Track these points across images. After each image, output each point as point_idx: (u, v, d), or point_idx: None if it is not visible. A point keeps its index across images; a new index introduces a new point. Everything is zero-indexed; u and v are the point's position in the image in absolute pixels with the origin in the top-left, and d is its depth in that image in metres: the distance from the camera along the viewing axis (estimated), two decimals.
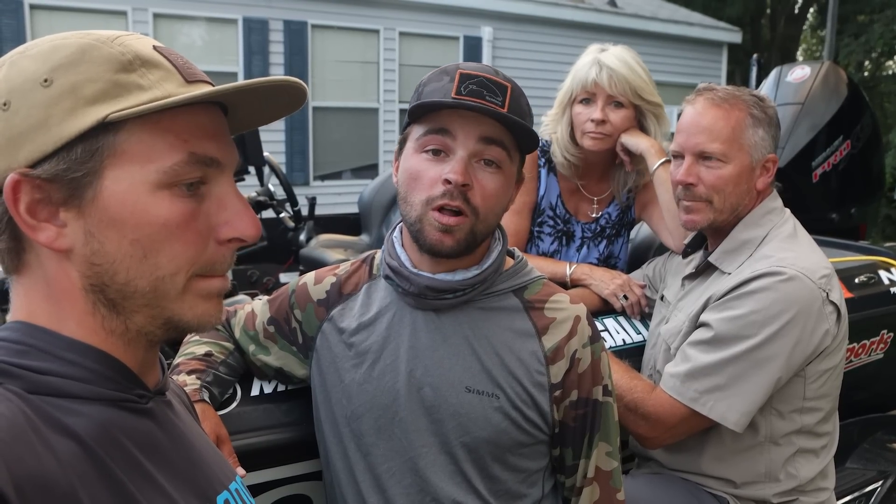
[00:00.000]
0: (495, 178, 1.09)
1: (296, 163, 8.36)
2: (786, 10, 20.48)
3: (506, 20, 9.65)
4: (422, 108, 1.07)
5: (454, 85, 1.05)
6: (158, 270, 0.65)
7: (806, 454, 1.51)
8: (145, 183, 0.63)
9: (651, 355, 1.66)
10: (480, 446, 1.12)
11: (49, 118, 0.61)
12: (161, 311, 0.67)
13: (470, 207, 1.07)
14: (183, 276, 0.66)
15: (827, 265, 1.47)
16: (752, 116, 1.50)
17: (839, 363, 1.50)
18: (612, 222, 2.05)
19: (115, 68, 0.63)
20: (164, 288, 0.66)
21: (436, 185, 1.06)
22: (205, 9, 7.67)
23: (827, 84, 3.09)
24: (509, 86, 1.07)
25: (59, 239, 0.63)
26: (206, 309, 0.69)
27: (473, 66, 1.08)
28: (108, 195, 0.63)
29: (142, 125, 0.63)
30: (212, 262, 0.68)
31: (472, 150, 1.06)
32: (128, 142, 0.63)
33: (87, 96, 0.61)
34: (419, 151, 1.09)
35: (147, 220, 0.63)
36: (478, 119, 1.06)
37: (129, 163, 0.63)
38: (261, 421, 1.32)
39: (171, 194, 0.64)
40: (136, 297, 0.65)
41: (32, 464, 0.54)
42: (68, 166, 0.61)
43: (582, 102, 1.90)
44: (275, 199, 3.25)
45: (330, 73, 8.56)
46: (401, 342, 1.16)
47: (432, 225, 1.07)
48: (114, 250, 0.63)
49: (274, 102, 0.73)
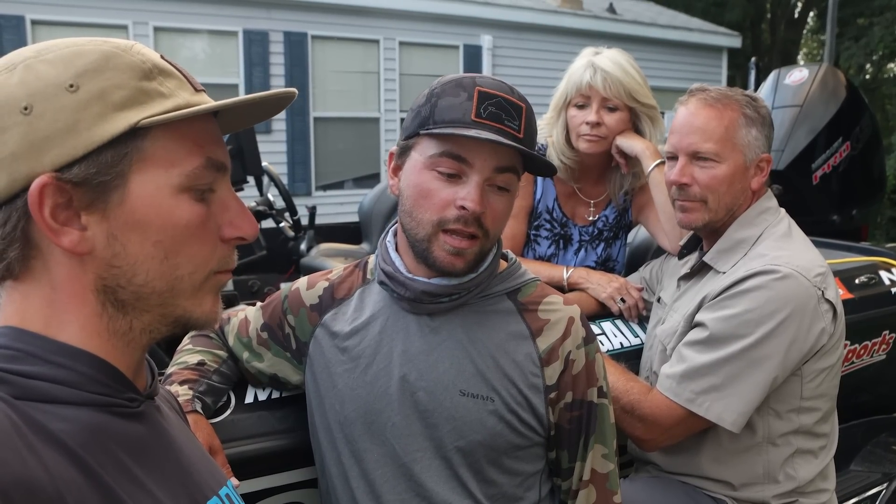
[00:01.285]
0: (505, 201, 1.10)
1: (297, 173, 8.38)
2: (786, 14, 20.52)
3: (505, 28, 9.69)
4: (440, 129, 1.05)
5: (473, 105, 1.04)
6: (177, 270, 0.68)
7: (805, 455, 1.49)
8: (169, 186, 0.66)
9: (648, 357, 1.66)
10: (476, 450, 1.12)
11: (78, 122, 0.62)
12: (173, 309, 0.69)
13: (482, 230, 1.08)
14: (201, 274, 0.70)
15: (822, 263, 1.46)
16: (744, 116, 1.49)
17: (836, 362, 1.49)
18: (610, 225, 2.05)
19: (139, 76, 0.65)
20: (181, 286, 0.69)
21: (448, 208, 1.06)
22: (205, 21, 7.71)
23: (825, 86, 3.08)
24: (524, 106, 1.07)
25: (81, 242, 0.64)
26: (213, 306, 0.73)
27: (490, 82, 1.07)
28: (135, 198, 0.65)
29: (164, 131, 0.66)
30: (222, 260, 0.72)
31: (487, 177, 1.06)
32: (153, 147, 0.65)
33: (116, 102, 0.63)
34: (430, 168, 1.07)
35: (172, 223, 0.66)
36: (495, 146, 1.05)
37: (154, 167, 0.65)
38: (255, 428, 1.31)
39: (189, 198, 0.68)
40: (152, 297, 0.68)
41: (18, 469, 0.54)
42: (98, 170, 0.63)
43: (577, 105, 1.90)
44: (274, 208, 3.26)
45: (331, 84, 8.59)
46: (394, 346, 1.16)
47: (443, 248, 1.07)
48: (136, 252, 0.66)
49: (260, 108, 0.75)
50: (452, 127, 1.04)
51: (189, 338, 1.33)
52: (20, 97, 0.62)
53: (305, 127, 8.42)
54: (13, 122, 0.61)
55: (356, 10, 8.55)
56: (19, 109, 0.61)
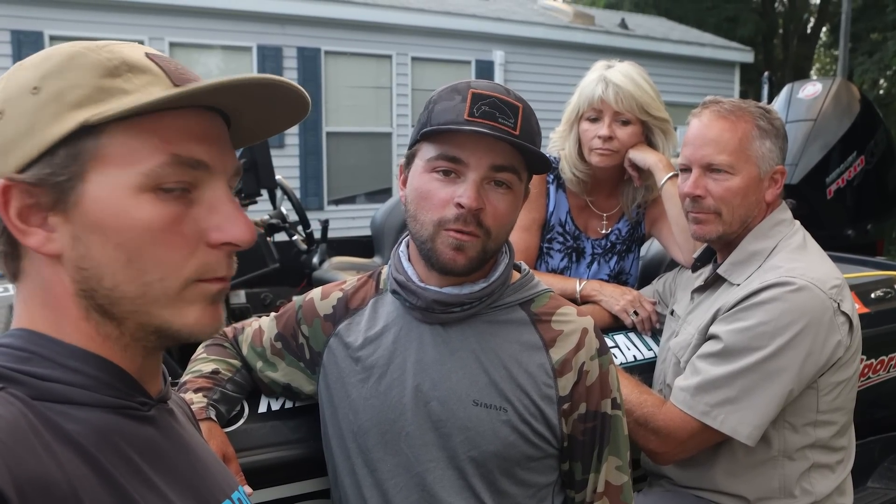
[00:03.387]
0: (506, 199, 1.09)
1: (310, 188, 8.42)
2: (798, 29, 20.51)
3: (517, 44, 9.73)
4: (434, 132, 1.07)
5: (466, 106, 1.05)
6: (145, 275, 0.64)
7: (821, 469, 1.48)
8: (127, 186, 0.63)
9: (661, 370, 1.65)
10: (489, 460, 1.11)
11: (35, 124, 0.62)
12: (151, 318, 0.66)
13: (483, 229, 1.07)
14: (174, 281, 0.65)
15: (837, 275, 1.45)
16: (758, 128, 1.49)
17: (853, 375, 1.48)
18: (622, 238, 2.05)
19: (101, 74, 0.63)
20: (154, 293, 0.65)
21: (448, 207, 1.06)
22: (220, 37, 7.80)
23: (839, 100, 3.08)
24: (521, 106, 1.07)
25: (47, 243, 0.64)
26: (199, 317, 0.67)
27: (485, 84, 1.08)
28: (91, 199, 0.63)
29: (124, 129, 0.63)
30: (206, 266, 0.67)
31: (483, 175, 1.06)
32: (110, 145, 0.63)
33: (72, 101, 0.62)
34: (429, 171, 1.09)
35: (128, 224, 0.63)
36: (490, 143, 1.05)
37: (111, 166, 0.63)
38: (269, 438, 1.32)
39: (154, 198, 0.64)
40: (124, 302, 0.65)
41: (33, 466, 0.55)
42: (52, 170, 0.62)
43: (589, 119, 1.90)
44: (287, 221, 3.27)
45: (343, 99, 8.65)
46: (407, 356, 1.16)
47: (445, 243, 1.07)
48: (98, 255, 0.63)
49: (279, 110, 0.73)
50: (447, 126, 1.05)
51: (203, 347, 1.34)
52: (0, 103, 0.63)
53: (318, 141, 8.47)
54: None
55: (369, 25, 8.63)
56: None
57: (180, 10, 7.57)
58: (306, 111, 0.73)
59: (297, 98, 0.71)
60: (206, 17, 7.71)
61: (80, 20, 7.03)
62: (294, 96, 0.70)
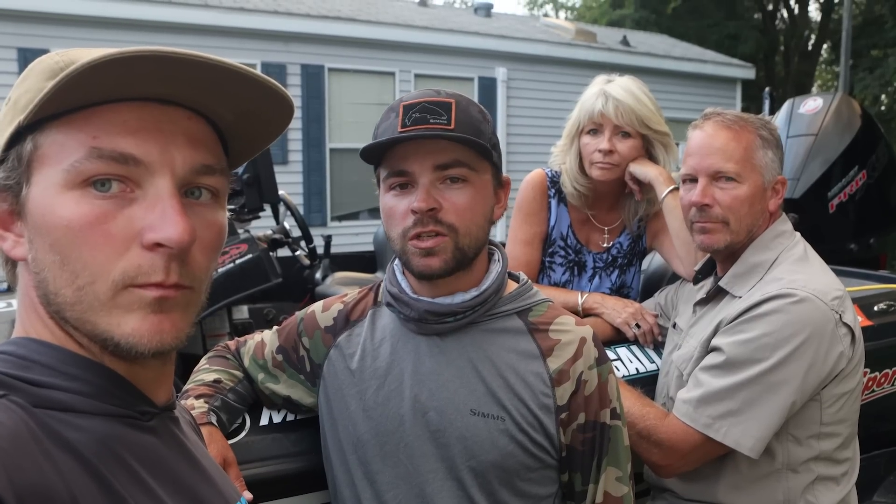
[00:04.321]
0: (464, 192, 1.09)
1: (313, 204, 8.45)
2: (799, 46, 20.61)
3: (520, 61, 9.79)
4: (370, 152, 1.10)
5: (399, 119, 1.07)
6: (77, 279, 0.61)
7: (826, 482, 1.47)
8: (55, 185, 0.61)
9: (664, 383, 1.64)
10: (487, 470, 1.11)
11: (1, 133, 0.65)
12: (92, 326, 0.62)
13: (445, 226, 1.08)
14: (102, 284, 0.61)
15: (839, 287, 1.45)
16: (761, 138, 1.50)
17: (856, 387, 1.47)
18: (624, 252, 2.05)
19: (47, 77, 0.63)
20: (88, 299, 0.62)
21: (407, 217, 1.08)
22: (224, 55, 7.56)
23: (840, 115, 3.08)
24: (453, 101, 1.08)
25: (15, 247, 0.65)
26: (137, 327, 0.62)
27: (415, 94, 1.10)
28: (31, 199, 0.63)
29: (58, 127, 0.62)
30: (137, 269, 0.62)
31: (431, 177, 1.08)
32: (45, 145, 0.62)
33: (21, 106, 0.63)
34: (387, 190, 1.12)
35: (53, 223, 0.61)
36: (429, 146, 1.07)
37: (45, 165, 0.62)
38: (270, 450, 1.31)
39: (80, 195, 0.61)
40: (66, 308, 0.62)
41: (33, 474, 0.55)
42: (6, 174, 0.64)
43: (589, 133, 1.91)
44: (290, 236, 3.28)
45: (347, 116, 8.70)
46: (405, 367, 1.16)
47: (414, 253, 1.09)
48: (42, 257, 0.63)
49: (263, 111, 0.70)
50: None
51: (206, 358, 1.35)
52: None
53: (321, 158, 8.51)
54: None
55: (372, 43, 8.70)
56: None
57: (184, 29, 7.66)
58: (291, 109, 0.70)
59: (253, 82, 0.66)
60: (210, 36, 7.78)
61: (85, 38, 7.10)
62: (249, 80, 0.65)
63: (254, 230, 2.94)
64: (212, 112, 0.69)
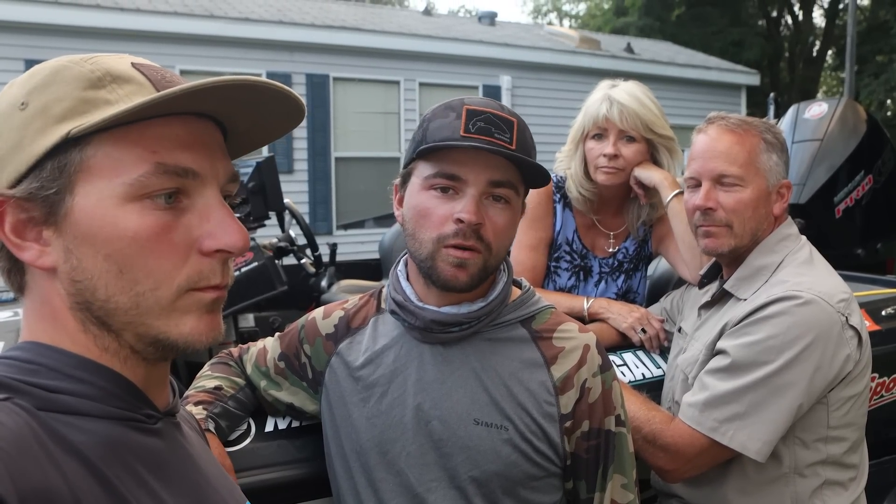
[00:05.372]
0: (505, 214, 1.09)
1: (319, 212, 8.46)
2: (804, 52, 20.61)
3: (524, 68, 9.81)
4: (431, 149, 1.07)
5: (462, 122, 1.05)
6: (137, 286, 0.64)
7: (834, 486, 1.45)
8: (113, 197, 0.63)
9: (670, 388, 1.63)
10: (490, 480, 1.10)
11: (23, 139, 0.63)
12: (147, 328, 0.65)
13: (483, 244, 1.07)
14: (166, 290, 0.65)
15: (845, 289, 1.44)
16: (765, 141, 1.50)
17: (863, 391, 1.46)
18: (630, 257, 2.04)
19: (84, 86, 0.64)
20: (147, 304, 0.64)
21: (447, 223, 1.06)
22: (230, 65, 7.90)
23: (845, 120, 3.08)
24: (515, 120, 1.07)
25: (42, 257, 0.64)
26: (195, 326, 0.67)
27: (478, 101, 1.08)
28: (79, 210, 0.63)
29: (109, 139, 0.63)
30: (199, 274, 0.66)
31: (482, 190, 1.06)
32: (95, 157, 0.63)
33: (56, 115, 0.63)
34: (426, 188, 1.09)
35: (116, 234, 0.63)
36: (487, 159, 1.05)
37: (97, 177, 0.63)
38: (274, 457, 1.31)
39: (141, 207, 0.64)
40: (119, 313, 0.64)
41: (37, 477, 0.55)
42: (41, 184, 0.63)
43: (594, 138, 1.91)
44: (296, 244, 3.28)
45: (352, 124, 8.72)
46: (408, 375, 1.15)
47: (446, 261, 1.07)
48: (90, 266, 0.63)
49: (273, 115, 0.73)
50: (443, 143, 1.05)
51: (208, 365, 1.34)
52: None
53: (327, 167, 8.53)
54: None
55: (377, 52, 8.73)
56: None
57: (191, 39, 7.70)
58: (301, 114, 0.73)
59: (287, 100, 0.70)
60: (216, 46, 7.83)
61: (90, 49, 7.07)
62: (283, 97, 0.69)
63: (259, 238, 2.95)
64: (231, 123, 0.72)
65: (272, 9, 9.10)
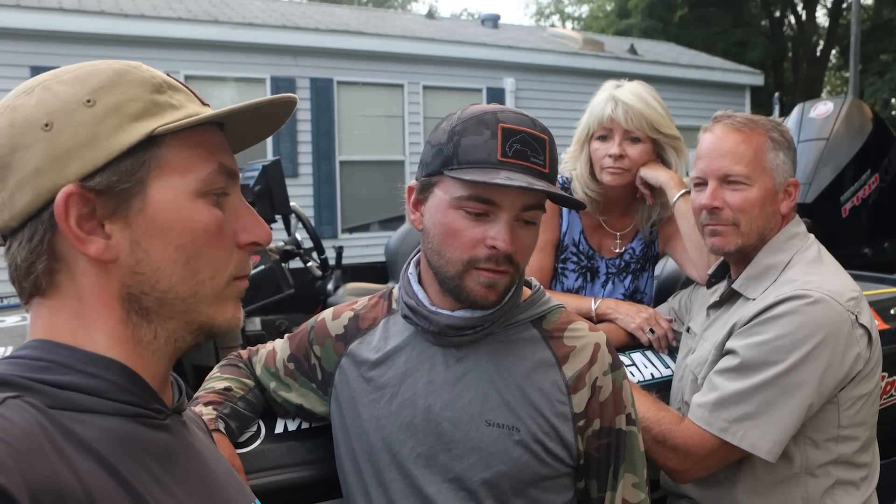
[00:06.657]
0: (532, 234, 1.10)
1: (324, 216, 8.48)
2: (807, 52, 20.57)
3: (528, 71, 9.81)
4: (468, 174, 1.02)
5: (498, 144, 1.02)
6: (199, 274, 0.70)
7: (845, 486, 1.44)
8: (186, 192, 0.69)
9: (679, 388, 1.63)
10: (501, 481, 1.10)
11: (98, 134, 0.65)
12: (197, 315, 0.71)
13: (514, 266, 1.08)
14: (222, 278, 0.72)
15: (855, 288, 1.43)
16: (771, 140, 1.50)
17: (874, 389, 1.45)
18: (637, 257, 2.04)
19: (150, 90, 0.69)
20: (203, 292, 0.70)
21: (478, 247, 1.06)
22: (234, 69, 7.94)
23: (851, 118, 3.07)
24: (546, 139, 1.07)
25: (106, 251, 0.66)
26: (234, 312, 0.74)
27: (512, 117, 1.05)
28: (155, 204, 0.67)
29: (178, 139, 0.69)
30: (239, 265, 0.74)
31: (515, 215, 1.06)
32: (169, 154, 0.68)
33: (132, 113, 0.67)
34: (457, 208, 1.06)
35: (191, 226, 0.69)
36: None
37: (171, 174, 0.68)
38: (285, 459, 1.31)
39: (205, 203, 0.70)
40: (176, 303, 0.69)
41: (48, 474, 0.55)
42: (119, 178, 0.66)
43: (599, 139, 1.91)
44: (302, 248, 3.29)
45: (356, 128, 8.74)
46: (419, 377, 1.15)
47: (477, 281, 1.07)
48: (158, 257, 0.68)
49: (264, 120, 0.78)
50: (479, 168, 1.02)
51: (218, 367, 1.35)
52: (40, 116, 0.65)
53: (332, 170, 8.55)
54: (35, 140, 0.64)
55: (380, 55, 8.75)
56: (40, 127, 0.64)
57: (196, 44, 7.74)
58: (286, 116, 0.79)
59: (284, 107, 0.76)
60: (220, 50, 7.86)
61: (95, 55, 7.09)
62: (283, 106, 0.76)
63: None
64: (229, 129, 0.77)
65: (276, 13, 9.14)
